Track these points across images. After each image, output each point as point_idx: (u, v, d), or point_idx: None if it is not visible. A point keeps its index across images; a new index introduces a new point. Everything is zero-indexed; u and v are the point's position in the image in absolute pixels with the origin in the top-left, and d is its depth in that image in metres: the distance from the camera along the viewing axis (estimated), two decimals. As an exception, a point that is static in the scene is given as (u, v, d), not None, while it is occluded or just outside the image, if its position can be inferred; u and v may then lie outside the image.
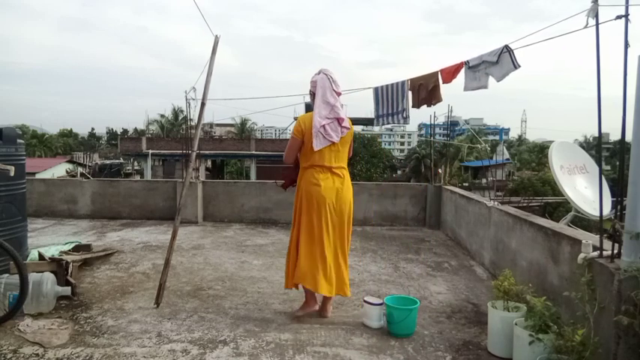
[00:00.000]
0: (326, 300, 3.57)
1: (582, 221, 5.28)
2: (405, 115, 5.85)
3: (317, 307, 3.61)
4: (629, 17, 2.56)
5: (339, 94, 3.51)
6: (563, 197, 4.82)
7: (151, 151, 31.07)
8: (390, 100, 5.93)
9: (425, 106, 5.61)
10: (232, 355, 2.92)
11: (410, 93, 5.75)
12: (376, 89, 6.05)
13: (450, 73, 5.19)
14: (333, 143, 3.43)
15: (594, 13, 2.79)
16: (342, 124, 3.45)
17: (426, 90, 5.48)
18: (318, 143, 3.38)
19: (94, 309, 3.65)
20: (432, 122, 7.20)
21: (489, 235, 5.00)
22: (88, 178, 10.61)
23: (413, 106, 5.72)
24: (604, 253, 2.62)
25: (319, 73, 3.55)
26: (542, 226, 3.70)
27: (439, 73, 5.32)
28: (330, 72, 3.52)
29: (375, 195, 7.66)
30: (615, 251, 2.55)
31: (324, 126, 3.39)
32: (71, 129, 71.03)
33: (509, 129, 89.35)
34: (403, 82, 5.78)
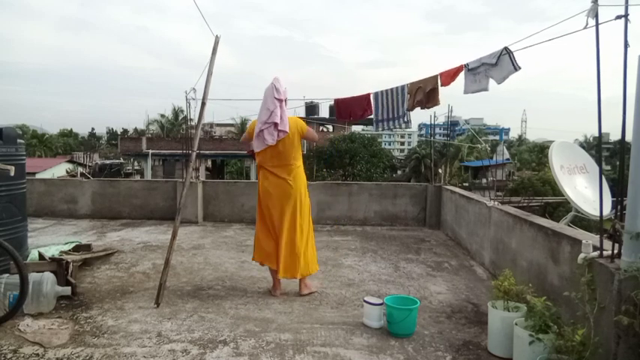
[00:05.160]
0: (301, 283, 4.10)
1: (582, 221, 5.28)
2: (406, 120, 5.82)
3: (279, 290, 4.10)
4: (628, 17, 2.56)
5: (280, 100, 3.93)
6: (564, 197, 4.82)
7: (151, 151, 31.04)
8: (389, 105, 5.92)
9: (419, 108, 5.59)
10: (232, 355, 2.93)
11: (409, 96, 5.74)
12: (376, 94, 6.03)
13: (449, 76, 5.18)
14: (271, 145, 3.92)
15: (594, 13, 2.79)
16: (278, 128, 3.90)
17: (423, 92, 5.47)
18: (257, 145, 3.98)
19: (94, 309, 3.65)
20: (432, 122, 7.21)
21: (489, 235, 5.00)
22: (88, 178, 10.62)
23: (407, 109, 5.71)
24: (604, 253, 2.62)
25: (271, 82, 4.01)
26: (543, 226, 3.70)
27: (439, 76, 5.32)
28: (277, 81, 3.99)
29: (375, 195, 7.66)
30: (615, 251, 2.55)
31: (262, 130, 3.92)
32: (71, 129, 71.04)
33: (509, 129, 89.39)
34: (403, 87, 5.78)
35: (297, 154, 4.07)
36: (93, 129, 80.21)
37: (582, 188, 4.89)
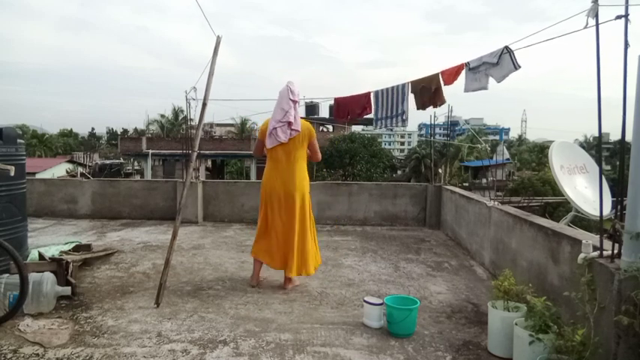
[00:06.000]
0: (286, 278, 4.23)
1: (582, 221, 5.28)
2: (404, 118, 5.86)
3: (258, 280, 4.31)
4: (629, 17, 2.56)
5: (295, 101, 4.14)
6: (564, 197, 4.82)
7: (151, 151, 31.07)
8: (389, 103, 5.94)
9: (431, 107, 5.64)
10: (232, 355, 2.93)
11: (412, 96, 5.76)
12: (376, 93, 6.05)
13: (450, 75, 5.19)
14: (283, 143, 4.10)
15: (594, 13, 2.79)
16: (292, 127, 4.10)
17: (429, 92, 5.49)
18: (270, 142, 4.15)
19: (94, 309, 3.65)
20: (432, 122, 7.21)
21: (489, 235, 5.01)
22: (88, 178, 10.62)
23: (418, 109, 5.74)
24: (604, 253, 2.62)
25: (286, 84, 4.21)
26: (543, 226, 3.70)
27: (440, 75, 5.33)
28: (292, 84, 4.20)
29: (375, 195, 7.66)
30: (615, 251, 2.55)
31: (275, 128, 4.10)
32: (71, 129, 71.03)
33: (509, 129, 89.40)
34: (404, 85, 5.78)
35: (304, 156, 4.28)
36: (93, 129, 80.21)
37: (582, 188, 4.89)
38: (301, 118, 4.26)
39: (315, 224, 4.44)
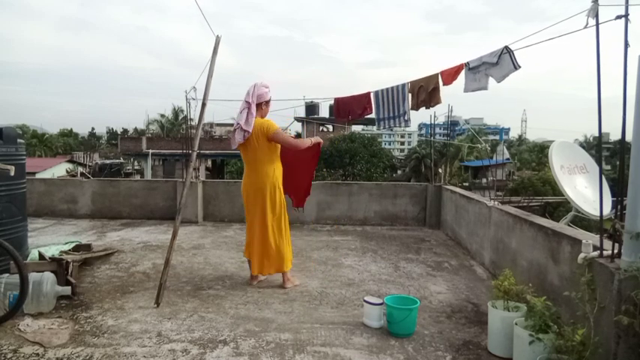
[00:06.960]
0: (283, 277, 4.30)
1: (582, 221, 5.28)
2: (406, 118, 5.84)
3: (256, 280, 4.38)
4: (629, 17, 2.56)
5: (248, 102, 4.18)
6: (564, 197, 4.83)
7: (151, 151, 31.10)
8: (390, 104, 5.93)
9: (424, 108, 5.62)
10: (232, 355, 2.93)
11: (410, 95, 5.75)
12: (376, 93, 6.04)
13: (450, 75, 5.18)
14: (242, 144, 4.20)
15: (594, 13, 2.79)
16: (242, 128, 4.16)
17: (425, 92, 5.48)
18: (232, 144, 4.32)
19: (94, 309, 3.65)
20: (432, 122, 7.20)
21: (489, 234, 5.00)
22: (88, 177, 10.62)
23: (412, 109, 5.73)
24: (604, 252, 2.62)
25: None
26: (543, 225, 3.70)
27: (439, 75, 5.32)
28: (253, 85, 4.24)
29: (375, 195, 7.66)
30: (615, 251, 2.56)
31: (235, 130, 4.24)
32: (71, 129, 70.97)
33: (509, 129, 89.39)
34: (404, 85, 5.78)
35: (267, 154, 4.22)
36: (93, 129, 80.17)
37: (582, 188, 4.89)
38: (302, 118, 4.27)
39: (284, 225, 4.31)
